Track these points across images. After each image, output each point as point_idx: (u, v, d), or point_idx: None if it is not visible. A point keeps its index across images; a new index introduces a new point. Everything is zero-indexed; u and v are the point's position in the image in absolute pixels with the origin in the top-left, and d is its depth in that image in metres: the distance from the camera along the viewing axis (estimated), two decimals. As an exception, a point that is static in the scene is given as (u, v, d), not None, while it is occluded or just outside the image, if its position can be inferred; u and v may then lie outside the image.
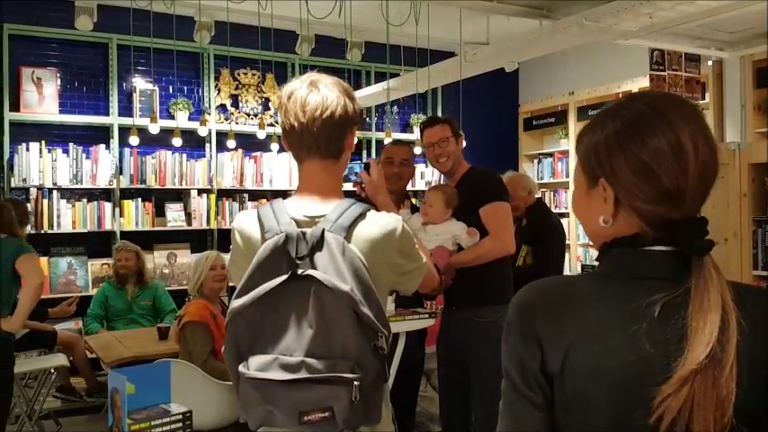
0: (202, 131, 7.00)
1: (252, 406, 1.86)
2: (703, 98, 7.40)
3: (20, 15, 6.95)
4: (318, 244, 1.85)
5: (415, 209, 4.27)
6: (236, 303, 1.84)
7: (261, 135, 7.20)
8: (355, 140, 2.10)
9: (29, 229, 6.19)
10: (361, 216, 1.95)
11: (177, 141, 6.73)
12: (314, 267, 1.83)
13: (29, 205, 6.77)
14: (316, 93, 1.96)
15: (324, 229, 1.87)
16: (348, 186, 2.92)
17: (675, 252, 1.20)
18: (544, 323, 1.22)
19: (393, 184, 4.21)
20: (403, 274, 2.06)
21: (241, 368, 1.85)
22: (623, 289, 1.20)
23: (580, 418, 1.18)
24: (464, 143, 4.13)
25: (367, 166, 2.56)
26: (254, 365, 1.83)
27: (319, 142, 1.98)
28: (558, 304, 1.24)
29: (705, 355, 1.08)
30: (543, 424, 1.22)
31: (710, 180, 1.22)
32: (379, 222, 1.97)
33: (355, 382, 1.78)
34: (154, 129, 6.58)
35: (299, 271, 1.81)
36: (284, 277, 1.81)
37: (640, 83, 7.67)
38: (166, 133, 6.94)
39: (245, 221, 2.04)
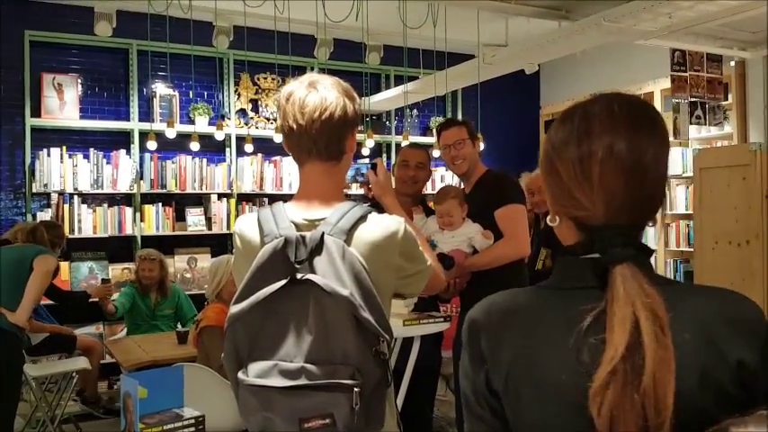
0: (219, 136, 7.01)
1: (251, 413, 1.84)
2: (726, 99, 7.31)
3: (41, 22, 7.00)
4: (318, 248, 1.82)
5: (430, 212, 4.24)
6: (234, 309, 1.82)
7: (277, 139, 7.20)
8: (373, 142, 2.06)
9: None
10: (362, 218, 1.92)
11: (195, 146, 6.76)
12: (313, 272, 1.80)
13: (50, 210, 6.83)
14: (314, 93, 1.93)
15: (323, 233, 1.84)
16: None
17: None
18: (488, 341, 1.23)
19: (409, 187, 4.20)
20: (406, 277, 2.03)
21: (240, 375, 1.83)
22: (561, 301, 1.19)
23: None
24: (482, 146, 4.09)
25: (374, 166, 2.53)
26: (254, 372, 1.81)
27: (319, 144, 1.95)
28: (501, 322, 1.24)
29: (607, 373, 1.05)
30: None
31: (632, 188, 1.18)
32: (380, 225, 1.94)
33: (355, 389, 1.75)
34: (171, 133, 6.61)
35: (298, 276, 1.79)
36: (283, 282, 1.79)
37: (662, 84, 7.60)
38: (187, 138, 6.98)
39: (244, 225, 2.01)
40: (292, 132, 1.96)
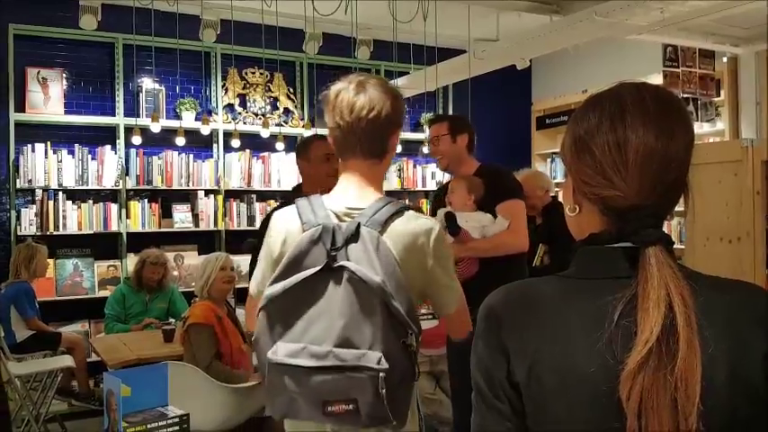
0: (205, 130, 6.92)
1: (277, 392, 1.91)
2: (718, 95, 7.28)
3: (25, 15, 6.89)
4: (353, 237, 1.92)
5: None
6: (269, 291, 1.92)
7: (265, 134, 7.12)
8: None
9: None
10: (398, 213, 2.02)
11: (180, 141, 6.68)
12: (348, 259, 1.89)
13: (34, 207, 6.73)
14: (363, 93, 2.04)
15: (359, 223, 1.94)
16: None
17: (635, 249, 1.17)
18: (509, 331, 1.20)
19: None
20: (435, 282, 2.08)
21: (270, 354, 1.90)
22: (587, 291, 1.18)
23: (552, 424, 1.15)
24: (465, 141, 4.04)
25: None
26: (283, 352, 1.88)
27: (363, 142, 2.07)
28: (522, 311, 1.21)
29: (642, 356, 1.05)
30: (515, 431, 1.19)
31: (660, 173, 1.18)
32: (415, 221, 2.03)
33: (381, 374, 1.80)
34: (155, 128, 6.53)
35: (334, 263, 1.88)
36: (318, 267, 1.88)
37: (654, 80, 7.53)
38: (173, 133, 6.90)
39: (284, 214, 2.12)
40: (338, 129, 2.07)
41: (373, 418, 1.83)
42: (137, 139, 6.55)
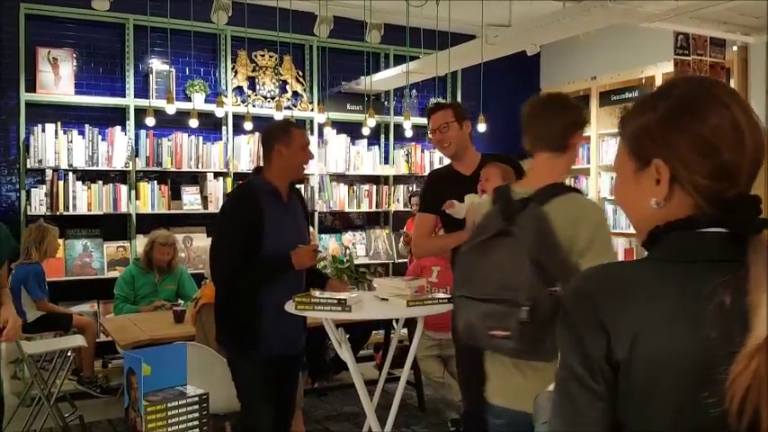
0: (219, 113, 6.90)
1: (460, 315, 2.56)
2: (728, 84, 7.27)
3: (36, -5, 6.87)
4: (521, 209, 2.47)
5: None
6: (462, 248, 2.62)
7: (278, 117, 7.11)
8: (374, 122, 2.65)
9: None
10: (563, 193, 2.54)
11: (194, 123, 6.66)
12: (514, 225, 2.44)
13: (44, 186, 6.74)
14: (544, 105, 2.71)
15: (528, 198, 2.49)
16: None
17: (732, 234, 1.18)
18: (608, 311, 1.19)
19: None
20: (582, 253, 2.47)
21: (458, 292, 2.55)
22: (685, 274, 1.18)
23: (644, 405, 1.16)
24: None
25: None
26: (465, 291, 2.52)
27: (545, 139, 2.66)
28: (620, 291, 1.21)
29: (759, 342, 1.05)
30: (606, 414, 1.20)
31: (761, 158, 1.21)
32: (574, 200, 2.56)
33: (524, 308, 2.31)
34: (170, 110, 6.50)
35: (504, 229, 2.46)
36: (492, 233, 2.48)
37: (664, 68, 7.54)
38: (183, 115, 6.89)
39: (483, 202, 2.85)
40: (527, 134, 2.71)
41: (523, 343, 2.34)
42: (150, 121, 6.53)
